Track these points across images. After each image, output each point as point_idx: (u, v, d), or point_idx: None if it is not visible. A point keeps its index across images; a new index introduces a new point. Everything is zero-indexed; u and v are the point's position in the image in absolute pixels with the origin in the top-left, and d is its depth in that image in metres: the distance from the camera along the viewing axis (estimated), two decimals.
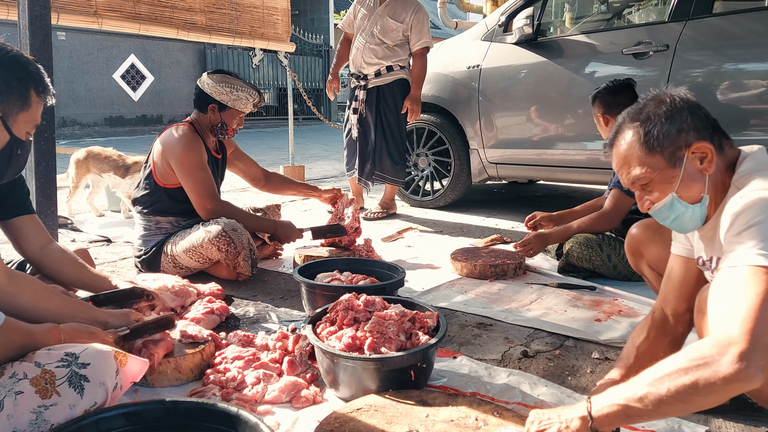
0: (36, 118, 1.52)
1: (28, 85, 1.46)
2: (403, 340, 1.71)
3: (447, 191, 4.69)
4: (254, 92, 2.89)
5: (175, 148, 2.76)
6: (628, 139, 1.38)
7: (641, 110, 1.38)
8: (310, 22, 19.71)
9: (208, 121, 2.89)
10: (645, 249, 2.00)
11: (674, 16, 3.51)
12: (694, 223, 1.39)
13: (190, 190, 2.79)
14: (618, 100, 2.86)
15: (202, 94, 2.86)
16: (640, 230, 2.03)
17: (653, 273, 2.02)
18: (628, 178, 1.40)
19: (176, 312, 2.28)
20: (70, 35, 13.05)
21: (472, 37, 4.55)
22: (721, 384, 1.04)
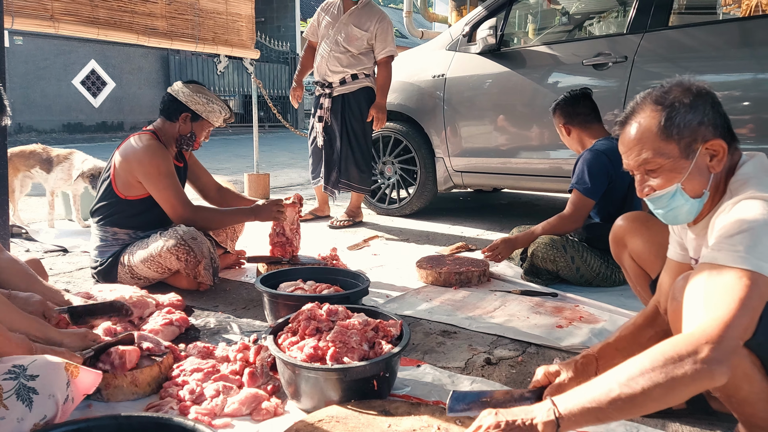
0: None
1: None
2: (366, 350, 1.69)
3: (413, 199, 4.70)
4: (226, 108, 2.88)
5: (142, 159, 2.69)
6: (645, 121, 1.36)
7: (666, 94, 1.35)
8: (276, 29, 19.61)
9: (176, 131, 2.84)
10: (630, 239, 2.01)
11: (632, 29, 3.60)
12: (688, 217, 1.40)
13: (163, 199, 2.73)
14: (577, 110, 2.92)
15: (175, 102, 2.81)
16: (627, 221, 2.05)
17: (633, 265, 2.04)
18: (635, 160, 1.38)
19: (134, 323, 2.22)
20: (27, 40, 12.71)
21: (437, 46, 4.59)
22: (695, 381, 1.06)
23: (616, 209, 2.80)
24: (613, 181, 2.77)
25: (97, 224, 2.82)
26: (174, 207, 2.73)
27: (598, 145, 2.82)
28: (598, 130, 2.93)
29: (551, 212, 3.21)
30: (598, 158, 2.76)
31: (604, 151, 2.77)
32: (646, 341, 1.48)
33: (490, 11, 4.22)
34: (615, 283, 2.82)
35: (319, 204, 4.76)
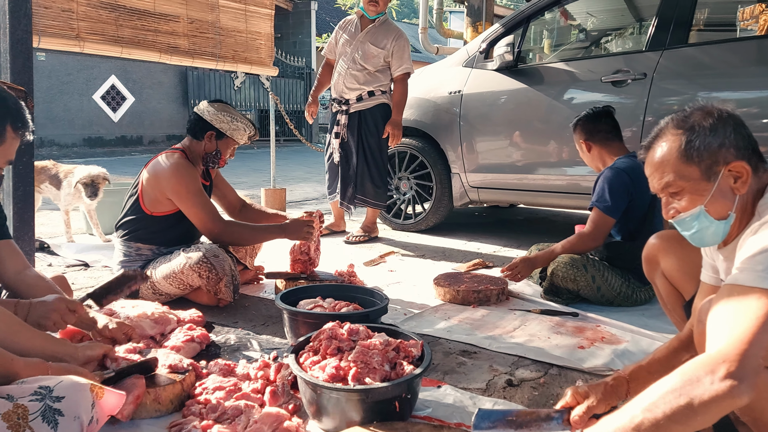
0: (9, 154, 1.49)
1: (4, 121, 1.43)
2: (387, 371, 1.69)
3: (429, 215, 4.70)
4: (251, 125, 2.93)
5: (171, 177, 2.74)
6: (667, 144, 1.38)
7: (687, 118, 1.38)
8: (292, 45, 19.82)
9: (202, 149, 2.89)
10: (663, 258, 1.99)
11: (651, 46, 3.60)
12: (715, 239, 1.40)
13: (195, 216, 2.77)
14: (598, 127, 2.92)
15: (201, 121, 2.86)
16: (660, 240, 2.03)
17: (666, 284, 2.02)
18: (658, 183, 1.41)
19: (155, 340, 2.24)
20: (50, 56, 12.96)
21: (453, 63, 4.61)
22: (715, 401, 1.05)
23: (636, 228, 2.79)
24: (633, 199, 2.76)
25: (121, 239, 2.86)
26: (205, 223, 2.77)
27: (619, 163, 2.82)
28: (619, 147, 2.92)
29: (568, 229, 3.21)
30: (618, 176, 2.75)
31: (625, 169, 2.76)
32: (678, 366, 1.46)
33: (507, 28, 4.24)
34: (636, 302, 2.79)
35: (335, 219, 4.78)
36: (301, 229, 2.89)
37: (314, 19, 20.00)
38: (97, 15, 3.62)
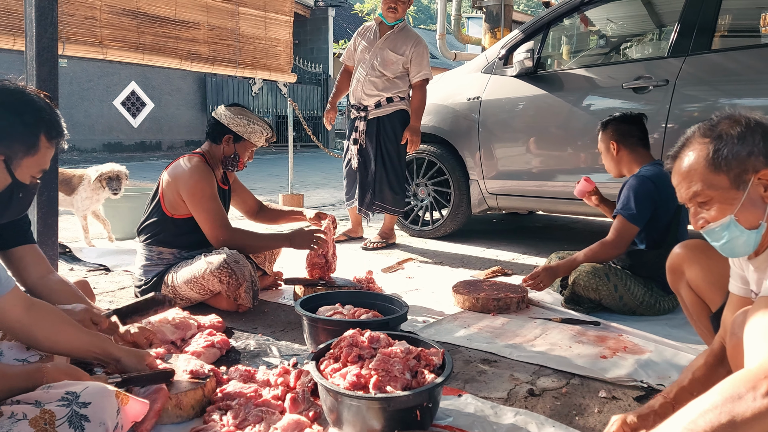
0: (43, 163, 1.50)
1: (38, 130, 1.44)
2: (408, 379, 1.68)
3: (447, 221, 4.68)
4: (268, 127, 2.94)
5: (188, 180, 2.77)
6: (695, 154, 1.37)
7: (714, 127, 1.37)
8: (310, 51, 19.94)
9: (221, 153, 2.91)
10: (688, 267, 1.95)
11: (674, 52, 3.56)
12: (746, 249, 1.37)
13: (203, 220, 2.78)
14: (631, 132, 2.88)
15: (218, 125, 2.89)
16: (685, 249, 1.99)
17: (691, 295, 1.98)
18: (686, 193, 1.39)
19: (176, 345, 2.25)
20: (72, 62, 13.15)
21: (472, 69, 4.60)
22: (757, 418, 1.02)
23: (660, 236, 2.75)
24: (658, 207, 2.72)
25: (143, 243, 2.88)
26: (212, 228, 2.78)
27: (644, 170, 2.78)
28: (646, 156, 2.89)
29: (587, 235, 3.18)
30: (644, 184, 2.72)
31: (650, 177, 2.73)
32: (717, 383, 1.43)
33: (526, 34, 4.22)
34: (659, 311, 2.75)
35: (353, 225, 4.78)
36: (308, 240, 2.91)
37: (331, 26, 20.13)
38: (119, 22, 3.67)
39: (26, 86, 1.49)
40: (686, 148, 1.41)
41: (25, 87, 1.48)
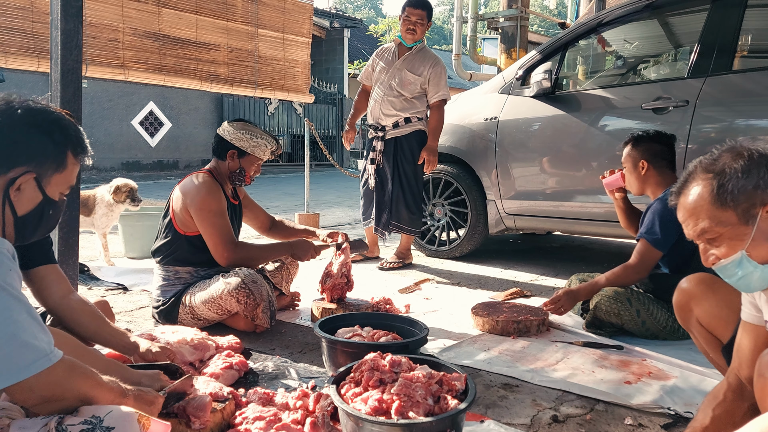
0: (71, 180, 1.52)
1: (66, 148, 1.47)
2: (431, 404, 1.65)
3: (463, 241, 4.66)
4: (272, 140, 2.94)
5: (195, 196, 2.77)
6: (698, 190, 1.34)
7: (716, 161, 1.33)
8: (325, 71, 20.15)
9: (227, 168, 2.92)
10: (696, 305, 1.91)
11: (693, 72, 3.54)
12: (762, 284, 1.33)
13: (208, 236, 2.78)
14: (663, 153, 2.83)
15: (222, 141, 2.90)
16: (692, 284, 1.94)
17: (703, 331, 1.93)
18: (694, 230, 1.36)
19: (194, 366, 2.24)
20: (92, 83, 13.37)
21: (489, 89, 4.61)
22: None
23: (684, 261, 2.70)
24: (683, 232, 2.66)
25: (159, 264, 2.89)
26: (216, 246, 2.77)
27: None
28: (672, 178, 2.84)
29: (605, 256, 3.14)
30: (670, 209, 2.66)
31: None
32: (740, 418, 1.39)
33: (544, 55, 4.22)
34: (683, 336, 2.69)
35: (369, 245, 4.76)
36: (308, 250, 2.94)
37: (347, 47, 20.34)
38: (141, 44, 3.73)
39: (49, 104, 1.51)
40: (689, 184, 1.38)
41: (48, 105, 1.50)
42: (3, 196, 1.38)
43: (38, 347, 1.22)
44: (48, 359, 1.23)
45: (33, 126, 1.41)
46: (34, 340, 1.22)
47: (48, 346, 1.24)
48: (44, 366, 1.21)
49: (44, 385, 1.22)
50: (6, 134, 1.38)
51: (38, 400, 1.24)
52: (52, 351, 1.24)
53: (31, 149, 1.40)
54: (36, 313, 1.26)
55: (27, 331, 1.21)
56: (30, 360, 1.20)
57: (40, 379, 1.21)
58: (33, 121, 1.42)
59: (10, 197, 1.39)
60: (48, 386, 1.23)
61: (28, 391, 1.21)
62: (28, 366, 1.19)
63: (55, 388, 1.24)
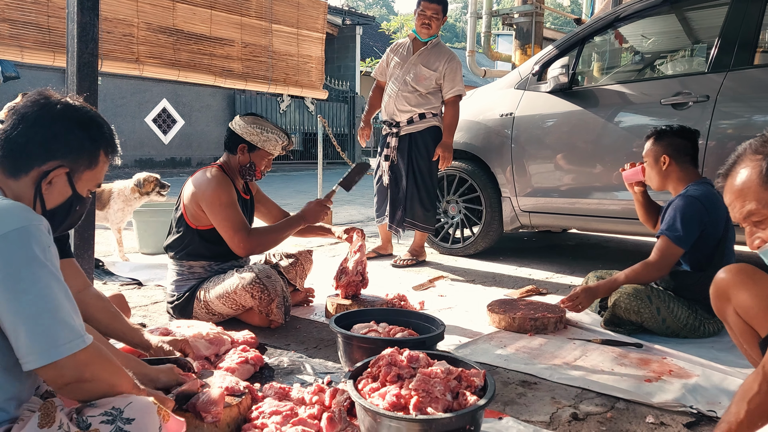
0: (99, 178, 1.52)
1: (100, 146, 1.48)
2: (449, 400, 1.63)
3: (478, 239, 4.62)
4: (283, 135, 2.91)
5: (205, 190, 2.76)
6: (747, 171, 1.32)
7: (766, 143, 1.32)
8: (337, 69, 20.15)
9: (237, 162, 2.90)
10: (734, 294, 1.86)
11: (714, 67, 3.48)
12: None
13: (222, 229, 2.76)
14: (686, 148, 2.77)
15: (233, 135, 2.88)
16: (731, 273, 1.89)
17: (739, 321, 1.88)
18: (740, 213, 1.33)
19: (210, 360, 2.23)
20: (105, 79, 13.46)
21: (504, 85, 4.56)
22: None
23: (706, 258, 2.65)
24: (706, 228, 2.62)
25: (172, 259, 2.88)
26: (232, 237, 2.75)
27: (692, 190, 2.67)
28: (694, 174, 2.78)
29: (621, 254, 3.10)
30: (692, 205, 2.61)
31: (699, 197, 2.62)
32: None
33: (561, 50, 4.17)
34: (704, 334, 2.65)
35: (383, 242, 4.74)
36: (320, 211, 2.96)
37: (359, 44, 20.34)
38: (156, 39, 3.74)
39: (85, 103, 1.52)
40: (738, 166, 1.35)
41: (85, 103, 1.51)
42: (35, 188, 1.39)
43: (75, 327, 1.23)
44: (83, 340, 1.23)
45: (72, 121, 1.42)
46: (71, 319, 1.23)
47: (81, 329, 1.25)
48: (79, 347, 1.22)
49: (75, 366, 1.22)
50: (46, 127, 1.38)
51: (68, 379, 1.23)
52: (85, 333, 1.25)
53: (68, 144, 1.41)
54: (70, 294, 1.27)
55: (65, 310, 1.22)
56: (67, 338, 1.20)
57: (73, 359, 1.21)
58: (73, 116, 1.43)
59: (42, 190, 1.40)
60: (78, 368, 1.23)
61: (60, 370, 1.21)
62: (65, 344, 1.20)
63: (84, 370, 1.24)
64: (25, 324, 1.17)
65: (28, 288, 1.18)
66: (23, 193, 1.38)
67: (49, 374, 1.22)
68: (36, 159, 1.38)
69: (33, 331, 1.18)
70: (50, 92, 1.46)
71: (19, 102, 1.46)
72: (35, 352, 1.18)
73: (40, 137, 1.38)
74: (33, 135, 1.38)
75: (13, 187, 1.38)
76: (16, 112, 1.40)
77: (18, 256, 1.18)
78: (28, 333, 1.17)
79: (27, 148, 1.37)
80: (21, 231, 1.20)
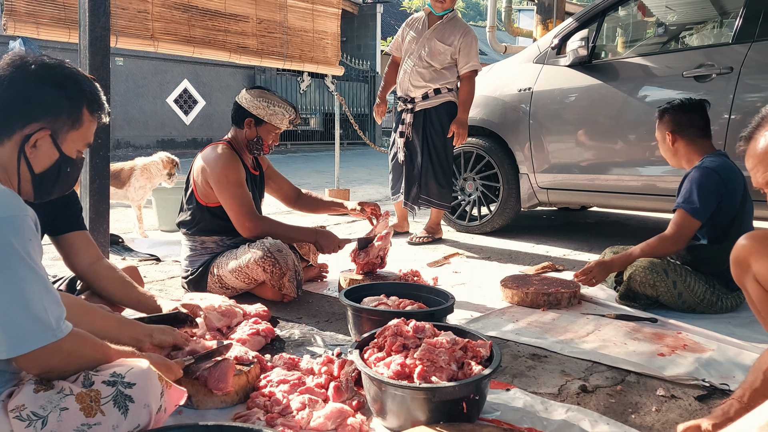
0: (87, 137, 1.49)
1: (80, 104, 1.43)
2: (454, 370, 1.62)
3: (495, 216, 4.58)
4: (290, 108, 2.88)
5: (213, 167, 2.76)
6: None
7: None
8: (357, 48, 20.00)
9: (245, 137, 2.88)
10: (755, 261, 1.81)
11: (738, 38, 3.37)
12: None
13: (229, 208, 2.77)
14: (691, 121, 2.70)
15: (240, 109, 2.87)
16: (752, 240, 1.84)
17: (758, 289, 1.83)
18: (764, 177, 1.30)
19: (222, 332, 2.26)
20: (128, 60, 13.57)
21: (523, 59, 4.48)
22: None
23: (723, 231, 2.59)
24: (722, 200, 2.56)
25: (185, 235, 2.91)
26: (237, 216, 2.75)
27: (707, 162, 2.60)
28: (706, 146, 2.71)
29: (641, 232, 3.04)
30: (708, 176, 2.55)
31: (715, 168, 2.55)
32: None
33: (581, 23, 4.08)
34: (721, 310, 2.60)
35: (399, 220, 4.72)
36: (333, 242, 2.88)
37: (379, 23, 20.13)
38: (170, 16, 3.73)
39: (64, 60, 1.48)
40: (762, 129, 1.31)
41: (63, 61, 1.47)
42: (18, 152, 1.37)
43: (46, 321, 1.22)
44: (53, 335, 1.23)
45: (46, 81, 1.38)
46: (43, 313, 1.22)
47: (57, 321, 1.24)
48: (49, 341, 1.22)
49: (47, 358, 1.23)
50: (20, 89, 1.35)
51: (39, 370, 1.25)
52: (59, 326, 1.24)
53: (44, 105, 1.38)
54: (51, 286, 1.26)
55: (38, 304, 1.21)
56: (37, 333, 1.21)
57: (44, 352, 1.22)
58: (46, 75, 1.39)
59: (26, 154, 1.37)
60: (50, 359, 1.24)
61: (32, 362, 1.22)
62: (34, 339, 1.20)
63: (57, 361, 1.25)
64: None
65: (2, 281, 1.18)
66: (8, 159, 1.36)
67: (21, 364, 1.23)
68: (15, 122, 1.35)
69: (4, 322, 1.18)
70: (26, 53, 1.42)
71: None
72: (3, 344, 1.18)
73: (15, 99, 1.35)
74: (7, 97, 1.35)
75: (1, 154, 1.36)
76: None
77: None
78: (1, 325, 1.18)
79: (3, 112, 1.34)
80: (1, 221, 1.19)
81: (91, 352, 1.31)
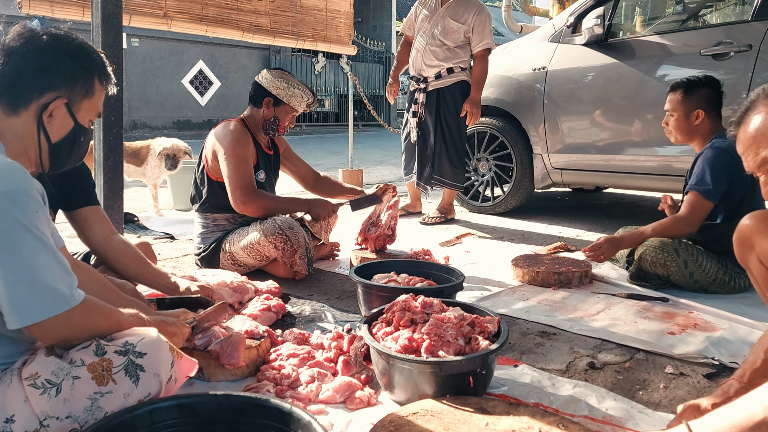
0: (98, 107, 1.51)
1: (93, 74, 1.45)
2: (461, 345, 1.64)
3: (508, 197, 4.56)
4: (309, 92, 2.91)
5: (221, 141, 2.79)
6: (761, 117, 1.26)
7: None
8: (372, 29, 19.86)
9: (261, 116, 2.90)
10: (758, 240, 1.79)
11: (758, 15, 3.30)
12: None
13: (228, 180, 2.76)
14: (717, 101, 2.66)
15: (260, 88, 2.89)
16: (754, 220, 1.82)
17: (761, 268, 1.81)
18: (754, 161, 1.28)
19: (233, 307, 2.29)
20: (143, 41, 13.61)
21: (538, 38, 4.43)
22: None
23: (734, 210, 2.56)
24: (734, 180, 2.52)
25: (197, 212, 2.94)
26: (234, 190, 2.74)
27: (718, 142, 2.56)
28: (719, 126, 2.68)
29: (656, 214, 3.01)
30: (721, 157, 2.51)
31: (726, 148, 2.51)
32: None
33: (597, 1, 4.01)
34: (734, 289, 2.58)
35: (411, 200, 4.73)
36: (326, 209, 2.92)
37: (395, 2, 19.95)
38: None
39: (70, 31, 1.48)
40: (751, 112, 1.29)
41: (70, 32, 1.48)
42: (37, 122, 1.39)
43: (58, 291, 1.23)
44: (66, 303, 1.24)
45: (61, 51, 1.40)
46: (55, 283, 1.23)
47: (69, 290, 1.26)
48: (62, 310, 1.23)
49: (60, 327, 1.25)
50: (36, 59, 1.37)
51: (53, 340, 1.28)
52: (72, 295, 1.26)
53: (61, 74, 1.39)
54: (61, 256, 1.27)
55: (49, 274, 1.23)
56: (49, 303, 1.22)
57: (57, 321, 1.23)
58: (60, 46, 1.41)
59: (44, 123, 1.39)
60: (64, 329, 1.26)
61: (45, 331, 1.24)
62: (47, 309, 1.22)
63: (71, 330, 1.27)
64: (6, 288, 1.18)
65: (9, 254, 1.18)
66: (26, 129, 1.38)
67: (34, 334, 1.25)
68: (32, 92, 1.37)
69: (13, 293, 1.19)
70: (33, 24, 1.43)
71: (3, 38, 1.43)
72: (14, 314, 1.20)
73: (32, 69, 1.36)
74: (24, 68, 1.36)
75: (16, 125, 1.37)
76: (3, 47, 1.37)
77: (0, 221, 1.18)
78: (9, 296, 1.19)
79: (21, 82, 1.35)
80: (5, 195, 1.19)
81: (103, 321, 1.33)
